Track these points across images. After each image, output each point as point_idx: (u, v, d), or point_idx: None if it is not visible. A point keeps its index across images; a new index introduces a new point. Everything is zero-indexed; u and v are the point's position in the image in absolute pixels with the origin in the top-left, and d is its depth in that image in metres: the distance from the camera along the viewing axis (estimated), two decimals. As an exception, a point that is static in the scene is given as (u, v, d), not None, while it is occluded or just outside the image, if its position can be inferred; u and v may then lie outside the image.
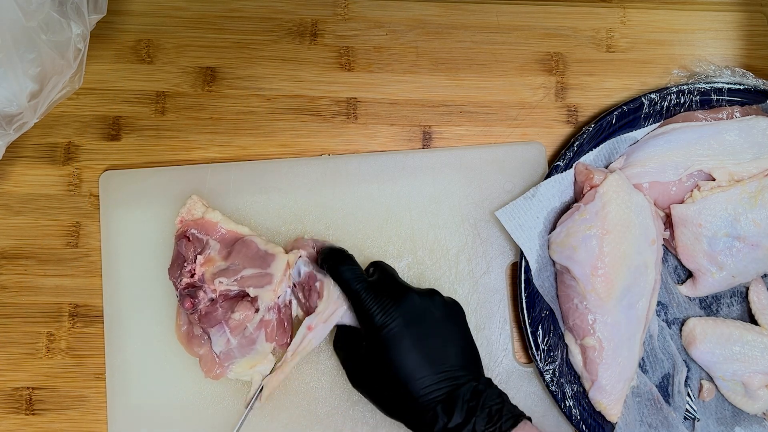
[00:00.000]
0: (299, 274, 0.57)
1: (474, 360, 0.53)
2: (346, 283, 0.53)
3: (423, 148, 0.63)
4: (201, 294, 0.56)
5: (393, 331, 0.50)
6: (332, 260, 0.55)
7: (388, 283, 0.54)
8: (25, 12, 0.49)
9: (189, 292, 0.56)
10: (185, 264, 0.57)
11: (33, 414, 0.60)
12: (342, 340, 0.56)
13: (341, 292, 0.54)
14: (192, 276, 0.56)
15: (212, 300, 0.56)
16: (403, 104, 0.64)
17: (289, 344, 0.57)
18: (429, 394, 0.49)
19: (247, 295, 0.56)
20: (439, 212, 0.61)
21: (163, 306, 0.59)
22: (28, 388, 0.60)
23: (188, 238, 0.57)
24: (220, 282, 0.56)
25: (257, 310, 0.55)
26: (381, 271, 0.55)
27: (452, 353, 0.51)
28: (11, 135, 0.54)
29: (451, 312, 0.54)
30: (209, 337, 0.56)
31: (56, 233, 0.62)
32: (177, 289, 0.57)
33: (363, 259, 0.60)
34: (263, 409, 0.58)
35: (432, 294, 0.54)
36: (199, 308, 0.56)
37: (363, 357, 0.52)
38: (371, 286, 0.53)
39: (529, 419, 0.50)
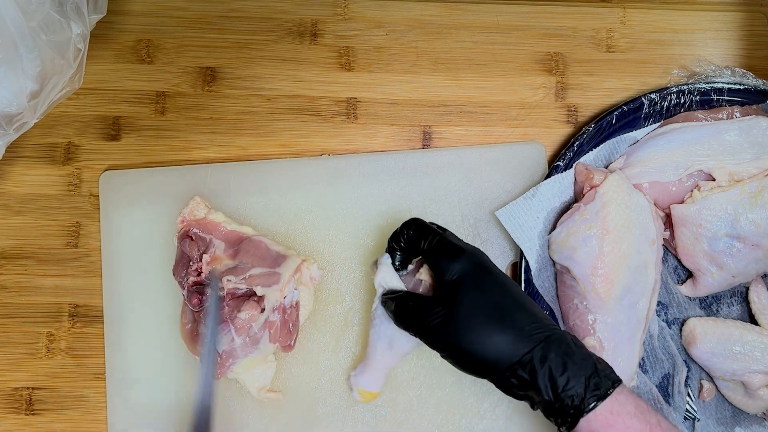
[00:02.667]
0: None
1: (543, 314, 0.49)
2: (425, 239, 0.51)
3: (423, 148, 0.63)
4: (209, 291, 0.56)
5: (469, 284, 0.48)
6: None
7: (449, 240, 0.51)
8: (25, 12, 0.49)
9: (197, 289, 0.56)
10: (191, 263, 0.57)
11: (33, 414, 0.60)
12: (411, 310, 0.51)
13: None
14: (199, 275, 0.56)
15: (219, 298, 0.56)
16: (403, 104, 0.64)
17: (293, 346, 0.57)
18: (520, 347, 0.46)
19: (254, 294, 0.56)
20: (439, 212, 0.61)
21: (163, 306, 0.59)
22: (28, 388, 0.60)
23: (191, 237, 0.57)
24: (228, 280, 0.56)
25: (263, 310, 0.55)
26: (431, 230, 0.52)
27: (529, 306, 0.48)
28: (11, 135, 0.54)
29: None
30: (213, 336, 0.56)
31: (56, 233, 0.62)
32: (183, 288, 0.57)
33: (362, 259, 0.60)
34: (263, 409, 0.58)
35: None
36: (205, 306, 0.56)
37: (443, 317, 0.48)
38: (438, 243, 0.51)
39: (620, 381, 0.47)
